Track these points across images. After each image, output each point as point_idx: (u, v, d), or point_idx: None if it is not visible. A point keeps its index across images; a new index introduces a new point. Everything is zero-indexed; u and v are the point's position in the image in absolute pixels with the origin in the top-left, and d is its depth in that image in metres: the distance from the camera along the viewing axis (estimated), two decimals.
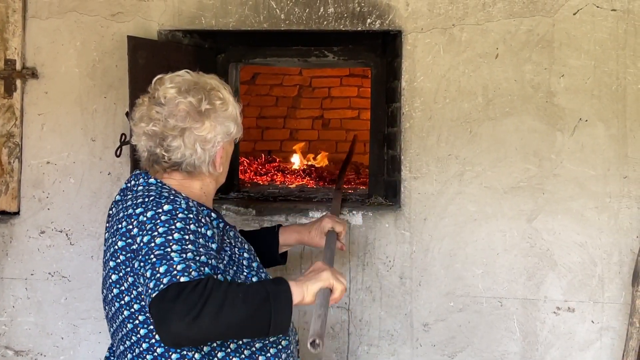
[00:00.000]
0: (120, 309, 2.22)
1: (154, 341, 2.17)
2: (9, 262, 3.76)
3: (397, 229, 3.55)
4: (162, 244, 2.01)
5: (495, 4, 3.48)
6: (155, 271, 1.96)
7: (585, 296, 3.49)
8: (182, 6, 3.63)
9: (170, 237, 2.02)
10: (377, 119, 4.04)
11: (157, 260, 1.97)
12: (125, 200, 2.24)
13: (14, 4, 3.72)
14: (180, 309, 1.86)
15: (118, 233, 2.18)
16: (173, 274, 1.93)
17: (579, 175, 3.47)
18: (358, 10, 3.55)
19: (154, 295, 1.92)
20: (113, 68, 3.67)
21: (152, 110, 2.25)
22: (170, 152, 2.24)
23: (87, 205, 3.71)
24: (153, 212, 2.10)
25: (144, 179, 2.30)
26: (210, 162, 2.29)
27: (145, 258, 2.01)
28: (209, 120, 2.25)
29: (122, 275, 2.18)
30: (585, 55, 3.46)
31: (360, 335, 3.59)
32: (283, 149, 7.18)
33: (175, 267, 1.95)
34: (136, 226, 2.10)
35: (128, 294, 2.18)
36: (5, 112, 3.74)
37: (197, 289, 1.89)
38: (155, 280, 1.94)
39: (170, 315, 1.87)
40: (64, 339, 3.76)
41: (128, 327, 2.21)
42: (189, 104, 2.23)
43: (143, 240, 2.05)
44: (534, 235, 3.49)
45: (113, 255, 2.20)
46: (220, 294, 1.89)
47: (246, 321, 1.94)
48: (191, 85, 2.28)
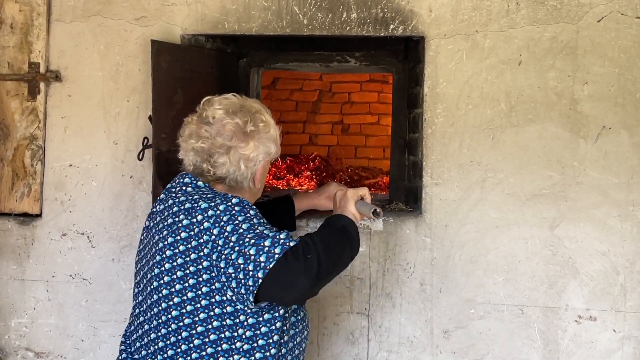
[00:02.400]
0: (168, 309, 2.32)
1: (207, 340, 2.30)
2: (30, 264, 3.79)
3: (418, 235, 3.54)
4: (249, 228, 2.23)
5: (519, 10, 3.47)
6: (262, 246, 2.17)
7: (607, 305, 3.47)
8: (205, 11, 3.64)
9: (253, 222, 2.26)
10: (398, 125, 4.03)
11: (255, 241, 2.19)
12: (175, 197, 2.39)
13: (39, 7, 3.74)
14: (304, 267, 2.16)
15: (175, 226, 2.31)
16: (281, 242, 2.19)
17: (602, 183, 3.44)
18: (381, 15, 3.55)
19: (272, 265, 2.14)
20: (136, 72, 3.68)
21: (201, 128, 2.44)
22: (215, 168, 2.43)
23: (109, 208, 3.73)
24: (225, 205, 2.29)
25: (192, 180, 2.46)
26: (251, 178, 2.48)
27: (240, 243, 2.20)
28: (253, 140, 2.44)
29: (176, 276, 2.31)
30: (610, 62, 3.44)
31: (380, 341, 3.58)
32: (303, 154, 7.19)
33: (278, 237, 2.21)
34: (206, 219, 2.26)
35: (179, 295, 2.30)
36: (29, 115, 3.76)
37: (307, 248, 2.20)
38: (266, 253, 2.16)
39: (296, 275, 2.16)
40: (84, 341, 3.77)
41: (172, 327, 2.31)
42: (235, 124, 2.43)
43: (227, 230, 2.23)
44: (556, 243, 3.47)
45: (165, 248, 2.32)
46: (321, 245, 2.23)
47: (345, 255, 2.36)
48: (238, 107, 2.47)
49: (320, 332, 3.61)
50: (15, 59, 3.77)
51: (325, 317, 3.60)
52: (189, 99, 3.28)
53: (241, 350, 2.29)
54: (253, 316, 2.29)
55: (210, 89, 3.62)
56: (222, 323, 2.28)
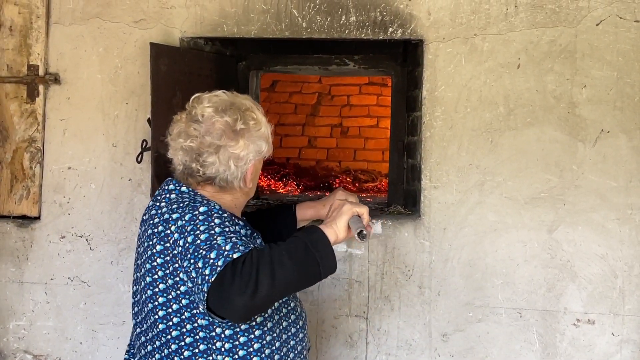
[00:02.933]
0: (154, 310, 2.29)
1: (183, 344, 2.25)
2: (29, 266, 3.79)
3: (416, 238, 3.54)
4: (207, 238, 2.12)
5: (518, 14, 3.48)
6: (207, 259, 2.06)
7: (605, 308, 3.47)
8: (204, 14, 3.65)
9: (213, 232, 2.14)
10: (397, 128, 4.03)
11: (206, 252, 2.08)
12: (159, 207, 2.34)
13: (38, 10, 3.75)
14: (239, 284, 1.98)
15: (155, 237, 2.27)
16: (224, 254, 2.05)
17: (600, 186, 3.45)
18: (380, 19, 3.55)
19: (213, 279, 2.02)
20: (135, 74, 3.69)
21: (190, 127, 2.37)
22: (205, 167, 2.36)
23: (108, 211, 3.73)
24: (190, 214, 2.20)
25: (176, 186, 2.41)
26: (242, 178, 2.41)
27: (195, 254, 2.11)
28: (243, 139, 2.37)
29: (159, 277, 2.26)
30: (608, 66, 3.44)
31: (379, 344, 3.58)
32: (302, 157, 7.19)
33: (224, 248, 2.07)
34: (175, 231, 2.20)
35: (163, 295, 2.26)
36: (28, 117, 3.76)
37: (247, 262, 2.01)
38: (210, 266, 2.05)
39: (232, 292, 1.99)
40: (82, 344, 3.77)
41: (159, 327, 2.28)
42: (225, 123, 2.35)
43: (188, 241, 2.15)
44: (554, 246, 3.47)
45: (150, 258, 2.28)
46: (267, 259, 2.02)
47: (299, 274, 2.08)
48: (227, 105, 2.40)
49: (319, 335, 3.61)
50: (15, 62, 3.77)
51: (324, 320, 3.60)
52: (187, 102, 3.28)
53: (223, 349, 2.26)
54: (230, 328, 2.24)
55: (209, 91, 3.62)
56: (195, 338, 2.24)
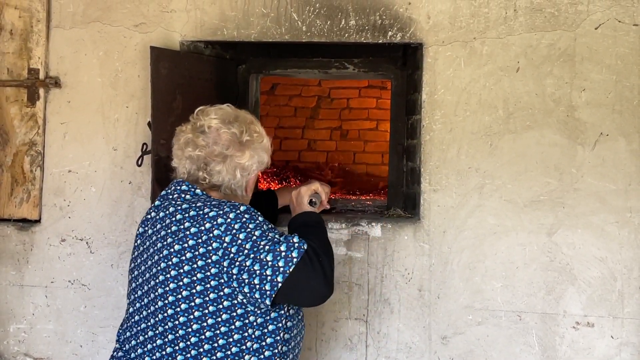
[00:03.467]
0: (175, 315, 2.35)
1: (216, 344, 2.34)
2: (29, 269, 3.79)
3: (416, 242, 3.54)
4: (262, 235, 2.31)
5: (517, 17, 3.48)
6: (278, 252, 2.26)
7: (604, 311, 3.48)
8: (204, 17, 3.65)
9: (264, 228, 2.34)
10: (396, 131, 4.03)
11: (270, 247, 2.27)
12: (175, 205, 2.42)
13: (38, 13, 3.76)
14: (321, 271, 2.28)
15: (181, 234, 2.34)
16: (296, 245, 2.28)
17: (599, 189, 3.46)
18: (379, 22, 3.56)
19: (291, 269, 2.24)
20: (135, 78, 3.69)
21: (198, 137, 2.49)
22: (211, 176, 2.49)
23: (108, 214, 3.73)
24: (235, 213, 2.33)
25: (190, 187, 2.50)
26: (244, 187, 2.56)
27: (255, 250, 2.26)
28: (249, 150, 2.52)
29: (183, 272, 2.32)
30: (607, 69, 3.45)
31: (378, 347, 3.58)
32: (301, 159, 7.20)
33: (292, 240, 2.30)
34: (216, 227, 2.30)
35: (186, 302, 2.33)
36: (28, 121, 3.77)
37: (316, 251, 2.31)
38: (284, 258, 2.25)
39: (316, 278, 2.27)
40: (82, 347, 3.77)
41: (179, 333, 2.34)
42: (232, 134, 2.49)
43: (239, 237, 2.28)
44: (553, 249, 3.48)
45: (178, 253, 2.34)
46: (318, 249, 2.32)
47: (328, 246, 2.44)
48: (233, 118, 2.53)
49: (319, 338, 3.61)
50: (15, 65, 3.78)
51: (324, 323, 3.60)
52: (188, 105, 3.28)
53: (251, 349, 2.32)
54: (262, 316, 2.35)
55: (209, 95, 3.64)
56: (230, 327, 2.32)
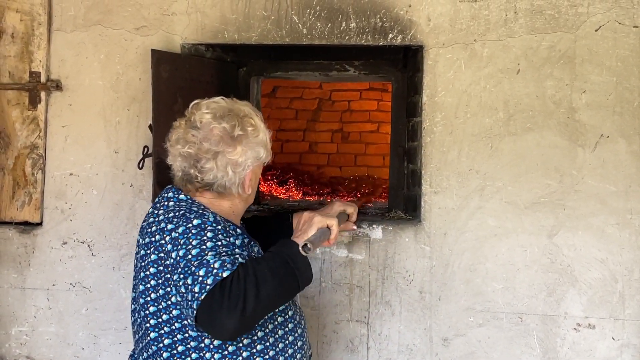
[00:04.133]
0: (146, 318, 2.30)
1: (175, 352, 2.25)
2: (31, 272, 3.80)
3: (417, 243, 3.55)
4: (198, 254, 2.14)
5: (517, 20, 3.49)
6: (197, 276, 2.08)
7: (605, 313, 3.48)
8: (205, 20, 3.66)
9: (204, 246, 2.15)
10: (397, 133, 4.04)
11: (196, 268, 2.10)
12: (157, 214, 2.36)
13: (40, 17, 3.76)
14: (228, 306, 2.02)
15: (152, 245, 2.28)
16: (214, 272, 2.07)
17: (600, 191, 3.46)
18: (380, 25, 3.57)
19: (203, 297, 2.04)
20: (136, 81, 3.70)
21: (188, 133, 2.40)
22: (203, 173, 2.38)
23: (109, 217, 3.74)
24: (184, 227, 2.21)
25: (175, 194, 2.43)
26: (240, 184, 2.43)
27: (185, 270, 2.12)
28: (240, 145, 2.39)
29: (151, 286, 2.27)
30: (607, 71, 3.46)
31: (380, 349, 3.59)
32: (302, 162, 7.21)
33: (213, 266, 2.09)
34: (169, 242, 2.21)
35: (154, 305, 2.27)
36: (30, 124, 3.78)
37: (234, 283, 2.05)
38: (200, 284, 2.07)
39: (222, 313, 2.02)
40: (84, 350, 3.78)
41: (151, 336, 2.29)
42: (222, 129, 2.38)
43: (179, 254, 2.16)
44: (554, 251, 3.48)
45: (145, 267, 2.29)
46: (252, 278, 2.07)
47: (280, 289, 2.14)
48: (225, 111, 2.42)
49: (320, 340, 3.61)
50: (16, 69, 3.79)
51: (325, 325, 3.61)
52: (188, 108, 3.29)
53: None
54: None
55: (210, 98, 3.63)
56: (187, 347, 2.24)
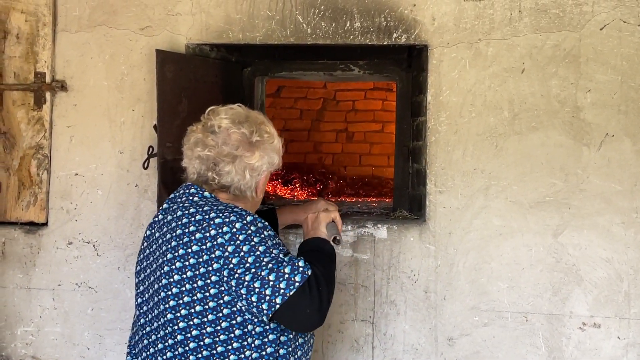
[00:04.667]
0: (175, 320, 2.33)
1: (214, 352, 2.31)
2: (36, 272, 3.80)
3: (422, 243, 3.55)
4: (265, 251, 2.29)
5: (522, 19, 3.49)
6: (281, 273, 2.25)
7: (611, 312, 3.47)
8: (209, 20, 3.67)
9: (268, 244, 2.32)
10: (402, 133, 4.04)
11: (273, 265, 2.26)
12: (182, 209, 2.41)
13: (44, 17, 3.77)
14: (318, 301, 2.26)
15: (186, 238, 2.33)
16: (300, 270, 2.28)
17: (605, 190, 3.45)
18: (384, 24, 3.57)
19: (291, 293, 2.24)
20: (141, 81, 3.71)
21: (207, 137, 2.46)
22: (220, 176, 2.46)
23: (114, 217, 3.75)
24: (240, 223, 2.32)
25: (198, 190, 2.49)
26: (254, 188, 2.52)
27: (257, 265, 2.25)
28: (258, 150, 2.49)
29: (186, 277, 2.31)
30: (612, 70, 3.45)
31: (385, 349, 3.59)
32: (307, 162, 7.21)
33: (296, 264, 2.29)
34: (221, 235, 2.29)
35: (186, 308, 2.32)
36: (35, 124, 3.79)
37: (318, 279, 2.29)
38: (286, 280, 2.24)
39: (312, 308, 2.25)
40: (90, 350, 3.78)
41: (178, 338, 2.32)
42: (242, 134, 2.47)
43: (243, 249, 2.27)
44: (559, 250, 3.48)
45: (182, 257, 2.33)
46: (324, 279, 2.31)
47: (333, 275, 2.42)
48: (243, 118, 2.51)
49: (325, 339, 3.62)
50: (21, 69, 3.80)
51: (330, 324, 3.61)
52: (193, 108, 3.30)
53: (250, 358, 2.31)
54: (260, 325, 2.33)
55: (214, 98, 3.64)
56: (229, 335, 2.30)
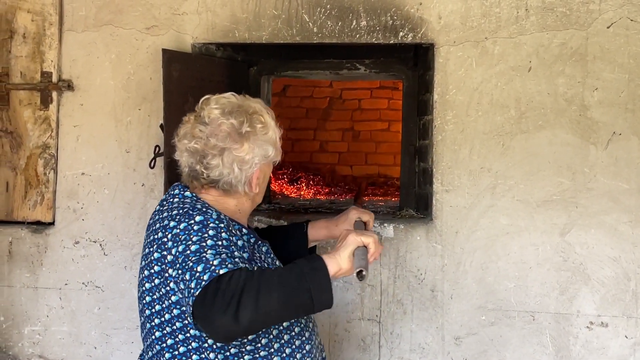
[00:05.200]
0: (151, 317, 2.28)
1: (176, 353, 2.23)
2: (43, 272, 3.81)
3: (428, 242, 3.54)
4: (197, 250, 2.09)
5: (529, 17, 3.48)
6: (194, 271, 2.03)
7: (618, 311, 3.46)
8: (215, 20, 3.67)
9: (204, 244, 2.10)
10: (408, 132, 4.04)
11: (193, 264, 2.05)
12: (162, 211, 2.33)
13: (51, 17, 3.78)
14: (221, 303, 1.93)
15: (155, 243, 2.26)
16: (211, 269, 2.01)
17: (612, 189, 3.44)
18: (390, 23, 3.56)
19: (197, 293, 1.99)
20: (147, 80, 3.71)
21: (195, 128, 2.35)
22: (209, 170, 2.33)
23: (121, 216, 3.75)
24: (185, 223, 2.18)
25: (180, 191, 2.39)
26: (247, 182, 2.37)
27: (183, 265, 2.08)
28: (248, 142, 2.33)
29: (155, 285, 2.25)
30: (619, 68, 3.44)
31: (392, 348, 3.58)
32: (313, 161, 7.21)
33: (211, 262, 2.03)
34: (170, 239, 2.18)
35: (159, 303, 2.24)
36: (42, 124, 3.79)
37: (232, 281, 1.95)
38: (196, 279, 2.01)
39: (213, 311, 1.93)
40: (96, 349, 3.79)
41: (156, 335, 2.27)
42: (230, 125, 2.32)
43: (178, 250, 2.13)
44: (567, 249, 3.47)
45: (148, 265, 2.27)
46: (254, 282, 1.95)
47: (287, 303, 1.98)
48: (235, 107, 2.37)
49: (332, 339, 3.61)
50: (28, 69, 3.80)
51: (337, 323, 3.60)
52: None
53: None
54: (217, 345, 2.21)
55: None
56: (188, 348, 2.21)
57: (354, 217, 2.77)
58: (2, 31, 3.82)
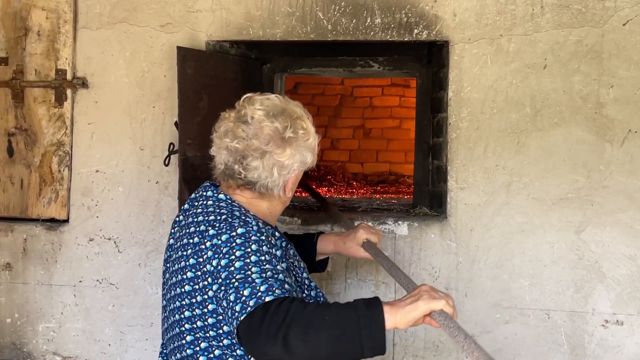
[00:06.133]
0: (181, 322, 2.24)
1: (212, 356, 2.19)
2: (57, 269, 3.82)
3: (443, 240, 3.54)
4: (242, 267, 2.05)
5: (544, 14, 3.46)
6: (240, 294, 1.99)
7: (634, 309, 3.45)
8: (229, 17, 3.66)
9: (248, 260, 2.06)
10: (422, 129, 4.03)
11: (239, 285, 2.01)
12: (195, 214, 2.29)
13: (65, 15, 3.78)
14: (267, 330, 1.89)
15: (190, 248, 2.22)
16: (258, 295, 1.96)
17: (628, 186, 3.43)
18: (405, 20, 3.55)
19: (242, 317, 1.95)
20: (161, 78, 3.71)
21: (238, 127, 2.29)
22: (247, 171, 2.29)
23: (135, 214, 3.76)
24: (227, 235, 2.13)
25: (214, 192, 2.35)
26: (282, 186, 2.34)
27: (227, 282, 2.05)
28: (290, 147, 2.30)
29: (186, 292, 2.22)
30: (635, 66, 3.42)
31: (406, 346, 3.58)
32: (324, 158, 7.20)
33: (258, 288, 1.98)
34: (210, 248, 2.14)
35: (189, 310, 2.21)
36: (56, 121, 3.80)
37: (281, 309, 1.91)
38: (242, 303, 1.97)
39: (260, 336, 1.90)
40: (111, 346, 3.80)
41: (187, 339, 2.24)
42: (274, 129, 2.28)
43: (220, 264, 2.09)
44: (582, 247, 3.46)
45: (182, 270, 2.23)
46: (304, 316, 1.90)
47: (335, 344, 1.90)
48: (279, 111, 2.33)
49: None
50: (43, 66, 3.81)
51: None
52: (214, 105, 3.30)
53: None
54: None
55: (235, 95, 3.60)
56: (225, 351, 2.20)
57: (361, 238, 2.74)
58: (17, 29, 3.83)
